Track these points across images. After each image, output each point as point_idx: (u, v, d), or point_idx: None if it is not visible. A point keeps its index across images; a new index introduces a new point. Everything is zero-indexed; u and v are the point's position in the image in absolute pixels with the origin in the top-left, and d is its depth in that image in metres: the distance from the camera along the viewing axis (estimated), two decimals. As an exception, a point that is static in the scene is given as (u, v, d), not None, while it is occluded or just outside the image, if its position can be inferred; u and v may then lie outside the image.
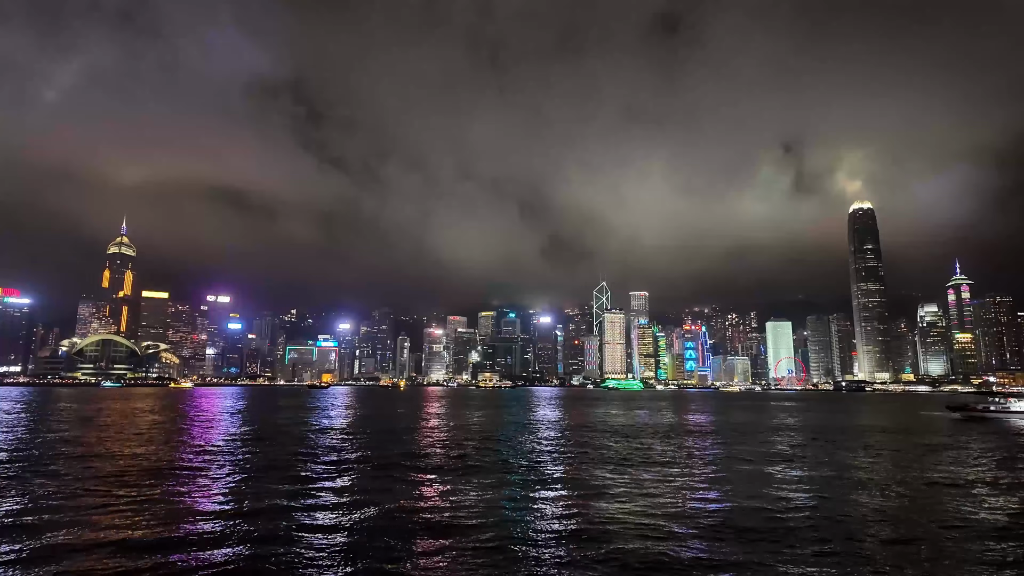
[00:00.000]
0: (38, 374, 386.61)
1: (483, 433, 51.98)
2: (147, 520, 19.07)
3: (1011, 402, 77.69)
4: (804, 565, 15.38)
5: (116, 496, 22.59)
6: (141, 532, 17.73)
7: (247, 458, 33.90)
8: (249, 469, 29.91)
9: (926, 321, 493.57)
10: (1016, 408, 75.85)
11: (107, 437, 44.41)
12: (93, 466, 29.95)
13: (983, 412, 75.72)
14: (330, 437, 46.85)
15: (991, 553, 16.64)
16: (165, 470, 29.09)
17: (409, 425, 61.42)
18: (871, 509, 21.84)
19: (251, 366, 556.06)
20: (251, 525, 18.65)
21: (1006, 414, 74.59)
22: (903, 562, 15.75)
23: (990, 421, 70.82)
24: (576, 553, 16.29)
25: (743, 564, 15.41)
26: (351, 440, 44.90)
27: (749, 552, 16.41)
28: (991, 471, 31.58)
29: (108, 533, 17.52)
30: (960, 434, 55.01)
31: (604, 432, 53.98)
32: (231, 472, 28.80)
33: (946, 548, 17.06)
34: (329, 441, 43.81)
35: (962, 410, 79.14)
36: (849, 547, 16.95)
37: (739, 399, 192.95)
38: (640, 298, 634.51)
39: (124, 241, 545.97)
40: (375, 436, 48.42)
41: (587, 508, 21.59)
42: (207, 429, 53.02)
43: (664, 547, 16.74)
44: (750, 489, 25.52)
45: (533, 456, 36.19)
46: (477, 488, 25.33)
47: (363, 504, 21.89)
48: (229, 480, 26.70)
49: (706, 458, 36.04)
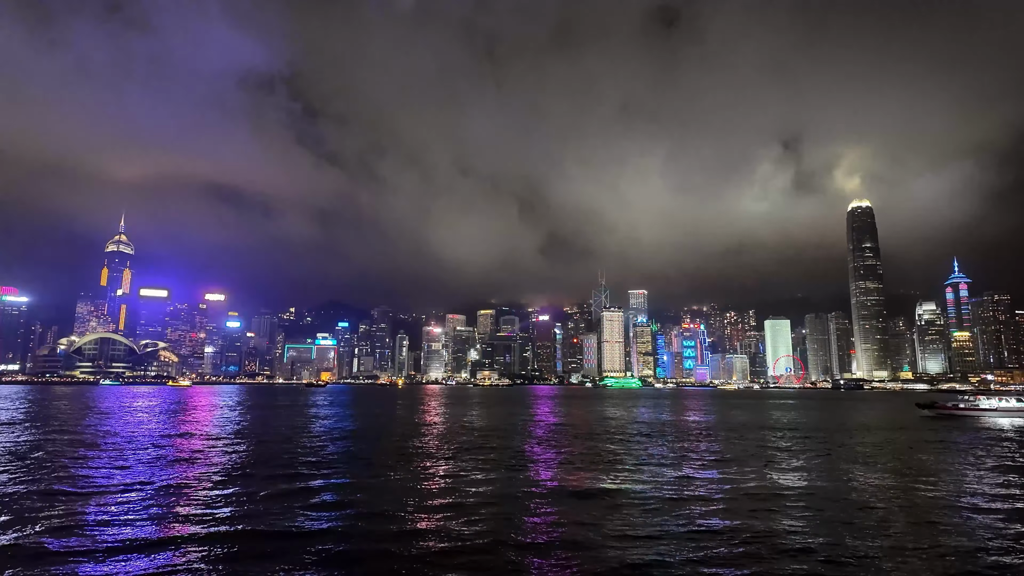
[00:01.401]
0: (36, 372, 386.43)
1: (479, 431, 51.96)
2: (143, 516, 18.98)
3: (980, 400, 78.18)
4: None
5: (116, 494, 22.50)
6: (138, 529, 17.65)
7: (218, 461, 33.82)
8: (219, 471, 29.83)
9: (924, 319, 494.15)
10: (985, 406, 76.50)
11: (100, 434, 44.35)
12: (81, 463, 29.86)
13: (952, 410, 76.24)
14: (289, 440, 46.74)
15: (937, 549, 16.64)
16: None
17: (381, 426, 61.31)
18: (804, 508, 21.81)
19: (250, 364, 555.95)
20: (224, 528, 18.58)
21: (976, 412, 75.03)
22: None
23: (959, 419, 71.34)
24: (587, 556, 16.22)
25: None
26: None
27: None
28: (956, 466, 31.57)
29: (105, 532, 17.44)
30: (931, 431, 55.95)
31: (575, 434, 53.89)
32: (209, 473, 28.73)
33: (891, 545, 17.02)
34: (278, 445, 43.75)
35: (931, 408, 79.70)
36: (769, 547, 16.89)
37: (736, 397, 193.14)
38: (639, 296, 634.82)
39: (122, 239, 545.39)
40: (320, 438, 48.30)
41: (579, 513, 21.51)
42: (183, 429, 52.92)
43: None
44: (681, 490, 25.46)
45: (521, 455, 36.15)
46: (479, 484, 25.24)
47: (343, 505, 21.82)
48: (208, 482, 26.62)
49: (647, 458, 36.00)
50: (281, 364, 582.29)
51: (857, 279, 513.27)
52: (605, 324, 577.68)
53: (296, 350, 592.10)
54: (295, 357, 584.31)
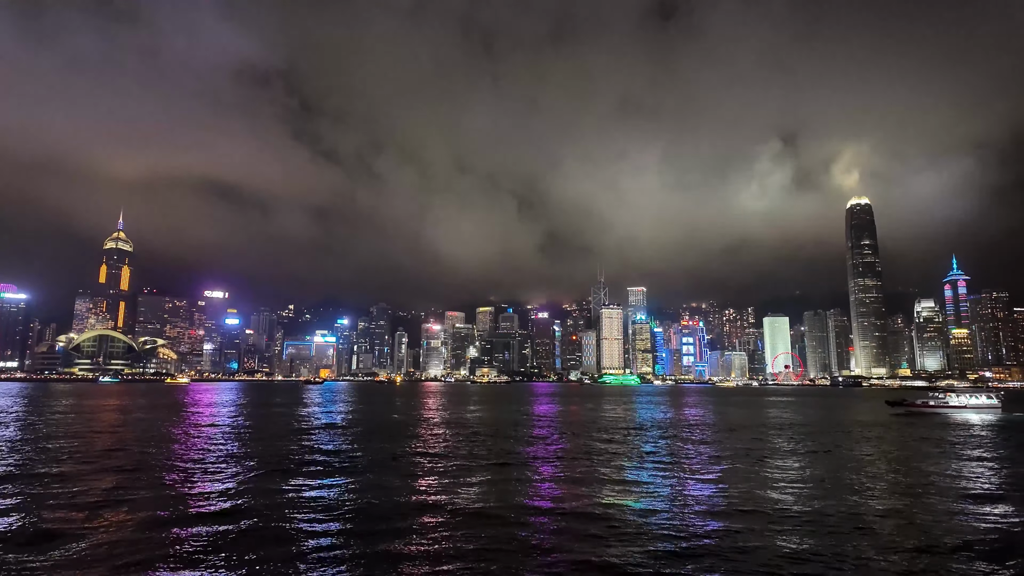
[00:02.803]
0: (35, 370, 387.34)
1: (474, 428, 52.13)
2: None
3: (949, 397, 78.82)
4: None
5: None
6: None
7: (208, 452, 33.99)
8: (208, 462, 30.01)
9: (923, 316, 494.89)
10: (954, 403, 77.25)
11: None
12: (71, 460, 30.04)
13: (921, 407, 77.03)
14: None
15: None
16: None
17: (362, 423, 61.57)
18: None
19: (249, 362, 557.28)
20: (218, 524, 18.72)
21: (945, 408, 75.54)
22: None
23: (928, 415, 71.92)
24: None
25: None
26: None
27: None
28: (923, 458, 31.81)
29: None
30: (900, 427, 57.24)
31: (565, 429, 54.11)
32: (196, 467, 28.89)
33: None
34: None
35: (900, 405, 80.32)
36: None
37: (733, 395, 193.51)
38: (638, 293, 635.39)
39: (121, 236, 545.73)
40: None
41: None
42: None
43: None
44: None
45: (517, 450, 36.35)
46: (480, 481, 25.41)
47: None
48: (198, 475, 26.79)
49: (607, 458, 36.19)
50: (280, 361, 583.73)
51: (856, 276, 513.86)
52: (604, 321, 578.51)
53: (295, 347, 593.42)
54: (294, 354, 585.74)
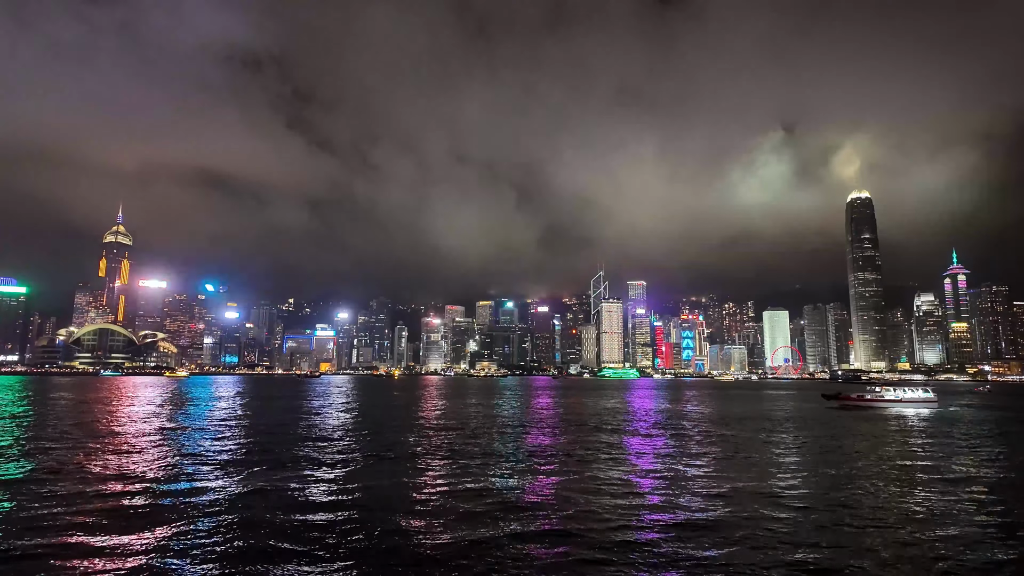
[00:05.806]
0: (35, 363, 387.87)
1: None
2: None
3: (885, 391, 79.32)
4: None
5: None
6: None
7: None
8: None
9: (922, 310, 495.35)
10: (890, 397, 77.69)
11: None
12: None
13: (857, 401, 77.54)
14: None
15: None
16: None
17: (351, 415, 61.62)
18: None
19: (249, 355, 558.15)
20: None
21: (881, 403, 76.29)
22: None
23: (864, 409, 72.59)
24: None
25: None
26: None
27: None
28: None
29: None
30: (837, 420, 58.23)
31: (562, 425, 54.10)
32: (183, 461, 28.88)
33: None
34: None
35: (835, 399, 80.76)
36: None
37: (731, 388, 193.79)
38: (638, 287, 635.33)
39: (120, 230, 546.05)
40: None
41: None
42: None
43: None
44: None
45: (514, 447, 36.33)
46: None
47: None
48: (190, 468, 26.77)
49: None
50: (280, 355, 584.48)
51: (856, 270, 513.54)
52: (604, 315, 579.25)
53: (295, 341, 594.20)
54: (294, 348, 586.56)
